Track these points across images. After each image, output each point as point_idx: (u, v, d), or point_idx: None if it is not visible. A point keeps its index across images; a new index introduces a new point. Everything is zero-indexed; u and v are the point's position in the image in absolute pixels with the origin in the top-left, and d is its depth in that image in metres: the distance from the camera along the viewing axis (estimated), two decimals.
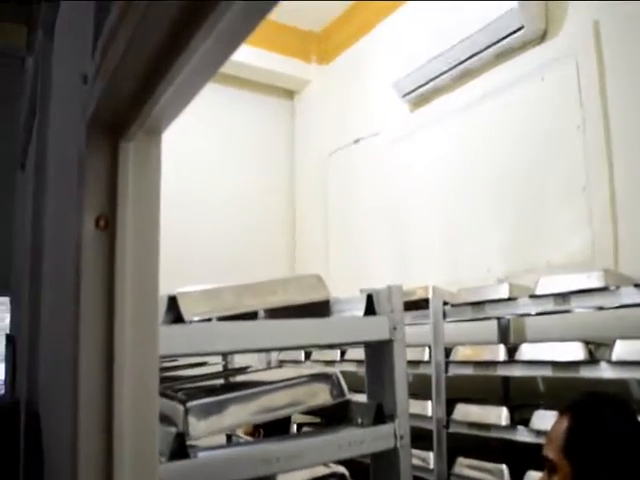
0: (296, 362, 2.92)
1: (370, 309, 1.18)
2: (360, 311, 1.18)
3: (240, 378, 1.41)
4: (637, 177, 2.10)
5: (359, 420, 1.20)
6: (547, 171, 2.38)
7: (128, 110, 0.70)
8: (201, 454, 0.96)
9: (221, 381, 1.43)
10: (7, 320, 3.70)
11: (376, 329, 1.17)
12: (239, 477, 1.00)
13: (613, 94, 2.18)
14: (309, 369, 1.24)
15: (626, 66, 2.14)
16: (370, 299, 1.18)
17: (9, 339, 2.68)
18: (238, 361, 2.30)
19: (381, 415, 1.18)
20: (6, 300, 3.71)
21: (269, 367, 2.52)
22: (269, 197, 3.96)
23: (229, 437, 1.66)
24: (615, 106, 2.17)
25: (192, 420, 0.99)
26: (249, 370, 1.52)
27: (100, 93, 0.67)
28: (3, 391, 2.97)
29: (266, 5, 0.50)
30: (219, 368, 1.82)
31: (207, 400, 1.04)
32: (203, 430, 1.01)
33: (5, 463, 1.41)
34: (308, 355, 2.89)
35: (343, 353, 2.67)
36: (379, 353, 1.21)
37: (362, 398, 1.30)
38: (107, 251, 0.70)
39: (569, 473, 1.37)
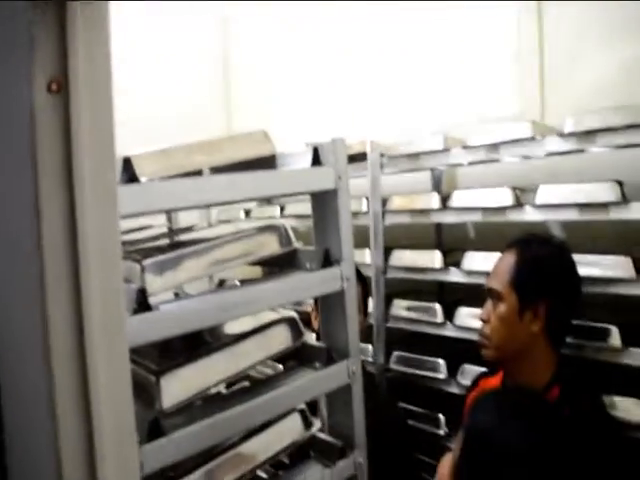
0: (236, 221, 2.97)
1: (316, 161, 1.22)
2: (306, 164, 1.21)
3: (187, 237, 1.44)
4: (567, 26, 2.13)
5: (307, 266, 1.27)
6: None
7: None
8: (163, 306, 1.01)
9: (169, 241, 1.46)
10: None
11: (322, 179, 1.21)
12: (200, 325, 1.07)
13: None
14: (255, 224, 1.28)
15: None
16: (315, 152, 1.21)
17: None
18: (181, 222, 2.33)
19: (328, 260, 1.25)
20: None
21: (214, 225, 2.56)
22: (201, 57, 3.79)
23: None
24: None
25: (149, 277, 1.02)
26: (196, 229, 1.55)
27: None
28: None
29: None
30: (164, 230, 1.85)
31: (162, 257, 1.07)
32: (160, 286, 1.04)
33: None
34: (247, 213, 2.94)
35: (282, 209, 2.73)
36: (325, 202, 1.26)
37: None
38: (62, 115, 0.69)
39: (515, 302, 1.55)
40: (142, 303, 0.97)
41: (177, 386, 1.04)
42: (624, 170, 1.81)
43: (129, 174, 0.92)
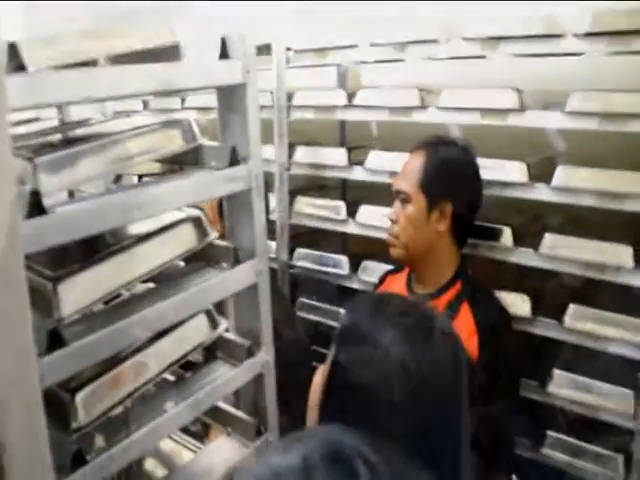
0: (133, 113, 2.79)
1: (223, 55, 1.14)
2: (213, 56, 1.13)
3: (84, 131, 1.34)
4: None
5: (213, 164, 1.21)
6: None
7: None
8: (59, 208, 0.94)
9: (62, 136, 1.35)
10: None
11: (230, 73, 1.13)
12: (100, 228, 1.00)
13: None
14: (156, 118, 1.20)
15: None
16: (223, 44, 1.13)
17: None
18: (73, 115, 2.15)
19: (235, 158, 1.20)
20: None
21: (111, 118, 2.40)
22: None
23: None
24: None
25: (43, 176, 0.94)
26: (91, 122, 1.43)
27: None
28: None
29: None
30: (55, 123, 1.70)
31: (56, 154, 0.97)
32: (55, 186, 0.96)
33: None
34: (145, 105, 2.76)
35: (183, 101, 2.59)
36: (233, 98, 1.19)
37: None
38: None
39: (423, 203, 1.60)
40: (36, 206, 0.89)
41: (76, 292, 0.98)
42: (524, 78, 1.84)
43: (16, 62, 0.81)
